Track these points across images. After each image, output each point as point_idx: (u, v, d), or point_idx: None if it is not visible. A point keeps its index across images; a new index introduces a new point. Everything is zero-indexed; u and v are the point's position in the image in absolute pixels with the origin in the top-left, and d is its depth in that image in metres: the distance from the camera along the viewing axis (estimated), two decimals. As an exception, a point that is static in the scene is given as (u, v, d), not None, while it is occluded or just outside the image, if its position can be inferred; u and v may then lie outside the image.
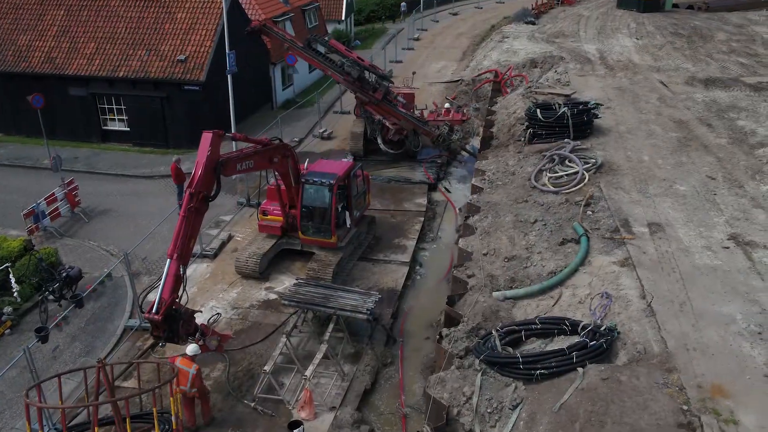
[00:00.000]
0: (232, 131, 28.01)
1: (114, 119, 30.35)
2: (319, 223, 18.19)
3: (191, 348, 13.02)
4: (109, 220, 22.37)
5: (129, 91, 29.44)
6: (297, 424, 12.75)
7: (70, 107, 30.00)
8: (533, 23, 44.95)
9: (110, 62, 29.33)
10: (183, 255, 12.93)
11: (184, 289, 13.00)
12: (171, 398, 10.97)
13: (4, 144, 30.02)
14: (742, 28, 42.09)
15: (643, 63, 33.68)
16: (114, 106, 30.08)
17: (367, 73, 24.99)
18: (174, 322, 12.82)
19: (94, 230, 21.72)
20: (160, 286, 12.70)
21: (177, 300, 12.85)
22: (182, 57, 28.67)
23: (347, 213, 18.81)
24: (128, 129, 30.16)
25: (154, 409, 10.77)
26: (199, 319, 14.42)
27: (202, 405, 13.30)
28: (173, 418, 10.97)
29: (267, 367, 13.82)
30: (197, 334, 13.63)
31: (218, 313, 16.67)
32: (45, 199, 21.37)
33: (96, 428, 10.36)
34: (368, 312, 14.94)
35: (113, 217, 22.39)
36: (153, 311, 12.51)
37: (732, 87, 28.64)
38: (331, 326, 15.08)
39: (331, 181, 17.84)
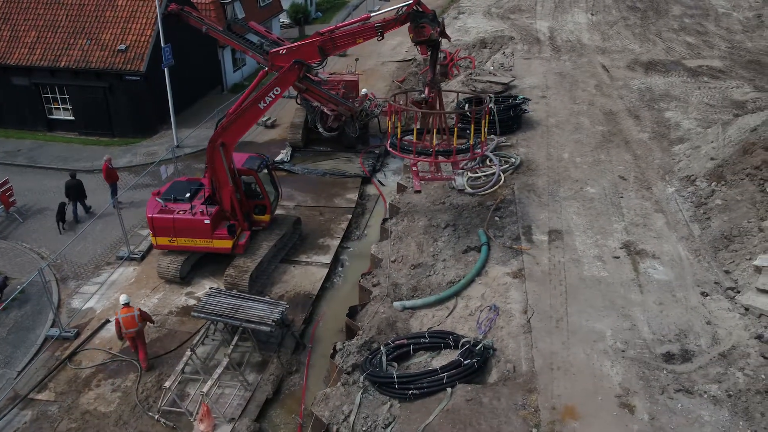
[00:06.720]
0: (172, 122, 28.46)
1: (59, 108, 30.41)
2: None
3: (123, 297, 15.94)
4: (44, 220, 22.73)
5: (72, 80, 29.44)
6: (195, 437, 13.57)
7: (14, 97, 30.02)
8: (493, -5, 44.61)
9: (52, 51, 29.23)
10: None
11: None
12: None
13: (-54, 136, 30.07)
14: (700, 0, 42.03)
15: (590, 43, 33.77)
16: (58, 96, 30.11)
17: None
18: None
19: (29, 231, 22.11)
20: None
21: None
22: (123, 47, 28.60)
23: None
24: (73, 118, 30.28)
25: None
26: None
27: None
28: None
29: (168, 383, 14.50)
30: None
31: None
32: (-23, 202, 21.73)
33: None
34: (273, 324, 15.57)
35: (49, 216, 22.71)
36: None
37: (671, 72, 28.93)
38: (235, 338, 15.72)
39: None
